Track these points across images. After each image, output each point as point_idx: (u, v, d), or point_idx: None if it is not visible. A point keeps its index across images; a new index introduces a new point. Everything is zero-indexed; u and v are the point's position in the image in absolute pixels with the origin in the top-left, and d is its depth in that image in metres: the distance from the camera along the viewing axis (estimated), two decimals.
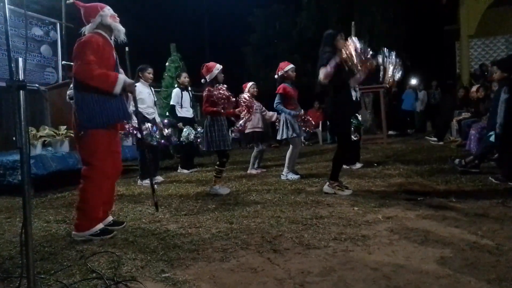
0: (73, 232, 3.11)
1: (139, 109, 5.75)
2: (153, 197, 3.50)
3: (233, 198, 4.41)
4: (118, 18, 3.25)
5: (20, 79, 1.92)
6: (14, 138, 2.00)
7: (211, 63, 4.76)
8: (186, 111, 6.89)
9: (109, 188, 3.31)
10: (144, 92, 5.69)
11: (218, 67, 4.72)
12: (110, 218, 3.36)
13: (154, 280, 2.22)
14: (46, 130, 5.64)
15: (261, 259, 2.47)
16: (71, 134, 5.79)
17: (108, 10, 3.18)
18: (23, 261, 1.90)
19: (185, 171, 6.99)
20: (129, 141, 6.71)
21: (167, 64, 8.98)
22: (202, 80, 4.79)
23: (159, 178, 5.99)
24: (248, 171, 6.51)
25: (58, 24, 8.12)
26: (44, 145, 5.72)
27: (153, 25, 18.58)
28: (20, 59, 1.95)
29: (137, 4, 17.95)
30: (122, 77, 3.07)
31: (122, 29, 3.22)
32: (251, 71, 18.37)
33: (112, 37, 3.23)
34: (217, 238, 2.95)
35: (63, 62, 7.88)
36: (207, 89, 4.67)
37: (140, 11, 18.15)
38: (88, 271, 2.38)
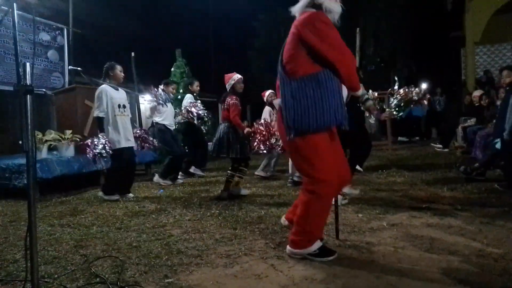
0: (288, 248, 2.62)
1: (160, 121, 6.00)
2: None
3: (236, 203, 4.41)
4: None
5: (28, 84, 1.94)
6: (20, 142, 2.02)
7: (230, 74, 4.89)
8: None
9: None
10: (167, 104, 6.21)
11: (235, 77, 4.82)
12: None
13: (158, 285, 2.22)
14: (52, 134, 5.68)
15: (265, 265, 2.47)
16: (77, 139, 5.85)
17: None
18: (27, 265, 1.91)
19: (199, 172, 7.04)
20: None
21: (172, 69, 9.04)
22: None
23: (179, 181, 6.39)
24: (256, 172, 6.51)
25: (65, 30, 8.20)
26: (50, 149, 5.75)
27: (159, 30, 18.70)
28: (28, 64, 1.97)
29: (142, 10, 18.08)
30: None
31: (339, 10, 2.50)
32: (256, 75, 18.43)
33: None
34: (220, 243, 2.94)
35: (70, 67, 7.95)
36: (234, 97, 4.74)
37: (145, 16, 18.29)
38: (92, 276, 2.38)
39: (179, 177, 6.52)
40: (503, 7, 10.72)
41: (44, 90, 7.31)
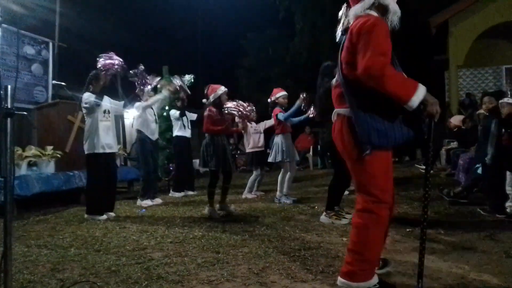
0: (343, 281, 2.26)
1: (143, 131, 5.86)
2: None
3: (220, 225, 4.35)
4: None
5: (8, 107, 1.90)
6: None
7: (216, 85, 5.01)
8: (188, 130, 7.05)
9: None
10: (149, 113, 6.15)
11: (223, 88, 4.96)
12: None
13: None
14: (32, 150, 5.56)
15: None
16: (58, 155, 5.74)
17: None
18: None
19: (177, 194, 6.91)
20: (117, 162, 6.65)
21: (158, 86, 8.96)
22: (204, 100, 5.02)
23: (158, 200, 6.19)
24: (243, 195, 6.43)
25: (50, 43, 8.12)
26: (30, 165, 5.62)
27: (146, 46, 18.70)
28: (9, 86, 1.93)
29: (130, 27, 18.09)
30: (423, 87, 2.14)
31: (398, 10, 2.27)
32: (244, 94, 18.51)
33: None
34: (202, 268, 2.87)
35: (53, 81, 7.86)
36: (208, 108, 4.88)
37: (132, 32, 18.28)
38: None
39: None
40: (485, 32, 11.04)
41: (26, 113, 7.15)
